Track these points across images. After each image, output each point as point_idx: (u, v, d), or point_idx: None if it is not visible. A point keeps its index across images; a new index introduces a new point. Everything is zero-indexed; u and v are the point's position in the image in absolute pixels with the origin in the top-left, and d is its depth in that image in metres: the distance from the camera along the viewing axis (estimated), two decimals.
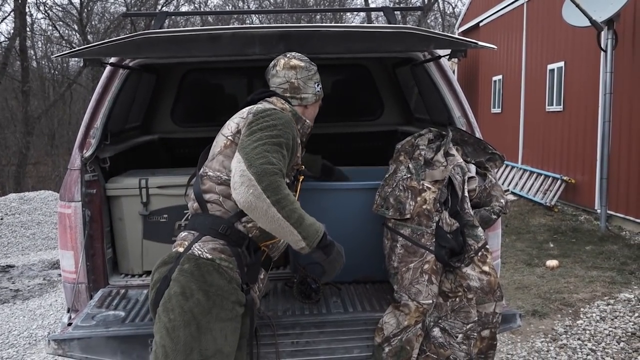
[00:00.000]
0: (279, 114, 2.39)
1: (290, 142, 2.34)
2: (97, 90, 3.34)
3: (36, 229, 10.40)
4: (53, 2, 26.02)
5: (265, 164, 2.17)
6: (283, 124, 2.35)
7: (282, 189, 2.16)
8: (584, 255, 7.57)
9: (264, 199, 2.12)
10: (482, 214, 3.00)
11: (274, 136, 2.28)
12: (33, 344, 5.39)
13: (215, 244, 2.35)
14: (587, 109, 10.08)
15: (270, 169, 2.16)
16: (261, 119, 2.35)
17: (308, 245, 2.24)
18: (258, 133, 2.28)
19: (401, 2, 30.39)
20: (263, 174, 2.14)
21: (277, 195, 2.14)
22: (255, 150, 2.21)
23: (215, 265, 2.31)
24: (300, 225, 2.20)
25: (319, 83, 2.66)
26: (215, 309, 2.29)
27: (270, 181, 2.14)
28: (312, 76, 2.64)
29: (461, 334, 2.80)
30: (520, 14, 13.51)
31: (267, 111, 2.39)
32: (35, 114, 23.98)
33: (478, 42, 2.79)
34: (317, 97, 2.66)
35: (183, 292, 2.27)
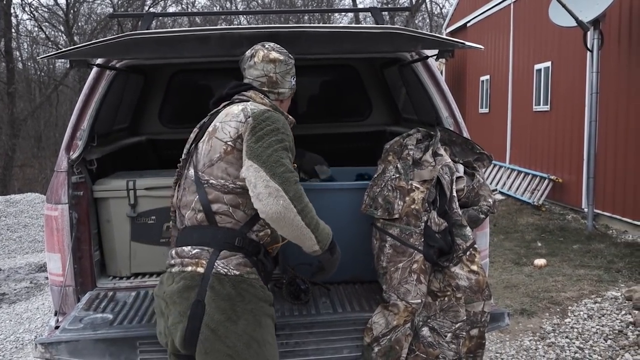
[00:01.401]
0: (276, 116, 2.37)
1: (291, 144, 2.35)
2: (84, 92, 3.32)
3: (23, 231, 10.33)
4: (39, 3, 25.88)
5: (286, 172, 2.17)
6: (283, 125, 2.34)
7: (304, 197, 2.20)
8: (572, 254, 7.62)
9: (292, 208, 2.13)
10: (470, 214, 3.02)
11: (280, 140, 2.27)
12: (20, 348, 5.35)
13: (238, 259, 2.31)
14: (574, 109, 10.15)
15: (292, 178, 2.17)
16: (263, 123, 2.31)
17: (321, 249, 2.27)
18: (266, 139, 2.25)
19: (389, 3, 30.46)
20: (288, 184, 2.15)
21: (301, 203, 2.17)
22: (271, 157, 2.19)
23: (247, 280, 2.30)
24: (317, 230, 2.24)
25: (294, 76, 2.64)
26: (263, 320, 2.31)
27: (295, 190, 2.16)
28: (289, 70, 2.59)
29: (450, 333, 2.80)
30: (507, 14, 13.58)
31: (265, 114, 2.35)
32: (22, 116, 23.80)
33: (465, 42, 2.80)
34: (292, 91, 2.64)
35: (229, 317, 2.23)
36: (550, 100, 11.16)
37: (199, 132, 2.51)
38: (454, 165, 3.06)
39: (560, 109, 10.79)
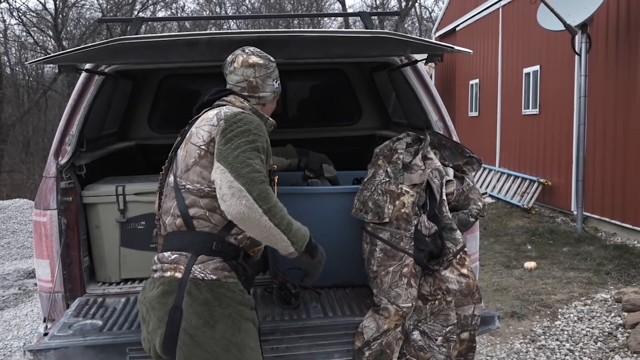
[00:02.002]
0: (250, 117, 2.35)
1: (265, 145, 2.32)
2: (73, 97, 3.31)
3: (11, 237, 10.25)
4: (27, 7, 25.72)
5: (252, 172, 2.14)
6: (256, 126, 2.31)
7: (272, 197, 2.15)
8: (561, 256, 7.65)
9: (256, 208, 2.10)
10: (460, 217, 3.02)
11: (251, 141, 2.24)
12: (8, 355, 5.30)
13: (215, 263, 2.29)
14: (563, 112, 10.21)
15: (257, 177, 2.14)
16: (234, 125, 2.29)
17: (297, 250, 2.23)
18: (235, 140, 2.23)
19: (378, 7, 30.54)
20: (252, 183, 2.11)
21: (268, 203, 2.12)
22: (237, 159, 2.17)
23: (224, 285, 2.28)
24: (290, 231, 2.19)
25: (277, 79, 2.60)
26: (243, 324, 2.29)
27: (261, 190, 2.12)
28: (270, 74, 2.55)
29: (441, 337, 2.81)
30: (496, 18, 13.65)
31: (237, 116, 2.33)
32: (10, 121, 23.66)
33: (454, 46, 2.81)
34: (275, 94, 2.59)
35: (206, 322, 2.21)
36: (539, 104, 11.22)
37: (180, 140, 2.52)
38: (444, 169, 3.07)
39: (549, 112, 10.85)
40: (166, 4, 28.84)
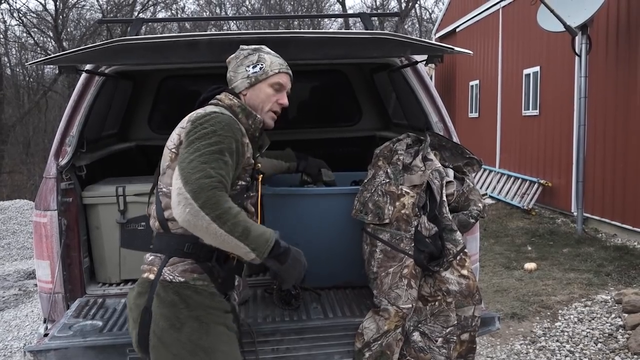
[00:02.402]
0: (219, 117, 2.26)
1: (234, 146, 2.22)
2: (73, 98, 3.31)
3: (11, 238, 10.25)
4: (27, 8, 25.74)
5: (202, 178, 2.06)
6: (223, 127, 2.22)
7: (221, 204, 2.06)
8: (562, 257, 7.65)
9: (203, 216, 2.02)
10: (460, 218, 3.02)
11: (213, 144, 2.16)
12: (8, 356, 5.30)
13: (185, 265, 2.27)
14: (563, 113, 10.22)
15: (207, 184, 2.06)
16: (199, 126, 2.22)
17: (259, 257, 2.14)
18: (196, 143, 2.17)
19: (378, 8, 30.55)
20: (199, 190, 2.04)
21: (216, 210, 2.04)
22: (191, 164, 2.11)
23: (192, 287, 2.24)
24: (247, 237, 2.10)
25: (255, 64, 2.44)
26: (212, 328, 2.25)
27: (208, 197, 2.04)
28: (242, 61, 2.46)
29: (441, 338, 2.80)
30: (496, 19, 13.66)
31: (205, 117, 2.26)
32: (10, 122, 23.68)
33: (454, 47, 2.80)
34: (250, 79, 2.43)
35: (172, 324, 2.20)
36: (539, 105, 11.23)
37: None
38: (444, 170, 3.07)
39: (549, 113, 10.85)
40: (166, 5, 28.89)
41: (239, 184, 2.31)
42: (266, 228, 2.20)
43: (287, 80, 2.51)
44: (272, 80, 2.45)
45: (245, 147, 2.30)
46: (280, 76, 2.47)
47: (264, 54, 2.47)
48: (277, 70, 2.45)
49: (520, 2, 12.01)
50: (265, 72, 2.43)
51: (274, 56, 2.48)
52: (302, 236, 3.19)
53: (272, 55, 2.49)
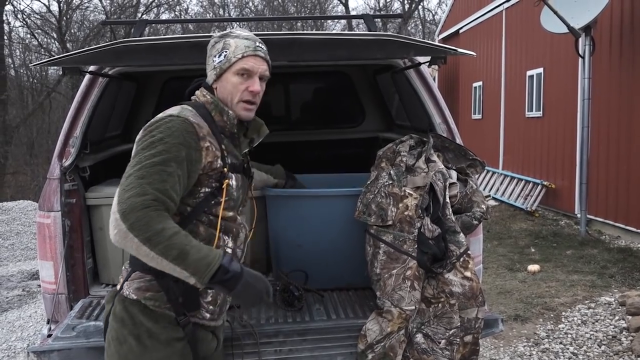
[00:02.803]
0: (170, 123, 2.10)
1: (183, 153, 2.04)
2: (77, 99, 3.31)
3: (15, 239, 10.27)
4: (31, 10, 25.82)
5: (134, 196, 1.92)
6: (172, 134, 2.06)
7: (152, 225, 1.90)
8: (565, 259, 7.64)
9: (131, 238, 1.89)
10: (463, 220, 3.02)
11: (156, 154, 2.01)
12: (12, 356, 5.31)
13: (141, 282, 2.15)
14: (566, 115, 10.20)
15: (138, 203, 1.91)
16: (147, 135, 2.09)
17: (199, 282, 1.96)
18: (139, 155, 2.04)
19: (381, 10, 30.57)
20: (129, 211, 1.90)
21: (146, 232, 1.89)
22: (127, 180, 1.98)
23: (141, 306, 2.11)
24: (183, 261, 1.92)
25: (220, 52, 2.23)
26: (148, 353, 2.12)
27: (137, 217, 1.90)
28: (210, 52, 2.28)
29: (444, 340, 2.80)
30: (500, 21, 13.65)
31: (156, 122, 2.13)
32: (14, 123, 23.74)
33: (457, 48, 2.81)
34: (216, 70, 2.24)
35: (117, 337, 2.15)
36: (542, 106, 11.21)
37: None
38: (447, 172, 3.06)
39: (552, 115, 10.84)
40: (169, 7, 28.94)
41: (202, 191, 2.15)
42: (212, 251, 2.01)
43: (255, 63, 2.22)
44: (236, 67, 2.20)
45: (202, 153, 2.11)
46: (246, 61, 2.20)
47: (230, 39, 2.23)
48: (241, 54, 2.20)
49: (523, 4, 12.00)
50: (228, 59, 2.21)
51: (241, 39, 2.23)
52: (306, 238, 3.19)
53: (239, 38, 2.23)
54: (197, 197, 2.14)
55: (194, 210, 2.14)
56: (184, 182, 2.05)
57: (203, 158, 2.11)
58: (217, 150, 2.16)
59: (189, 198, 2.13)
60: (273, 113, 5.32)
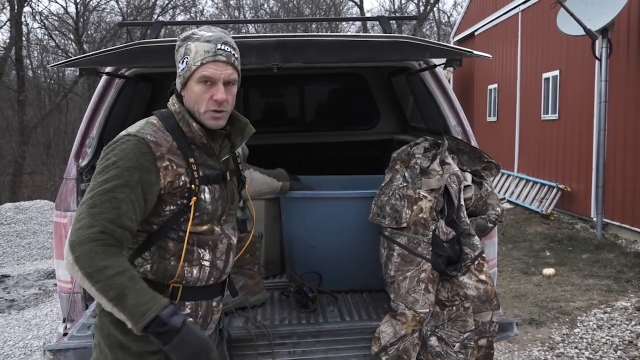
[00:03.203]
0: (123, 144, 2.01)
1: (136, 177, 1.96)
2: (93, 100, 3.34)
3: (32, 238, 10.37)
4: (49, 11, 26.10)
5: (82, 228, 1.88)
6: (125, 156, 1.98)
7: (95, 261, 1.85)
8: (581, 263, 7.57)
9: (77, 270, 1.85)
10: (478, 223, 3.00)
11: (108, 180, 1.95)
12: (28, 354, 5.36)
13: None
14: (582, 118, 10.12)
15: (85, 236, 1.87)
16: (103, 157, 2.03)
17: (135, 327, 1.86)
18: (94, 179, 1.99)
19: (397, 12, 30.52)
20: (77, 244, 1.87)
21: (89, 267, 1.84)
22: (80, 208, 1.94)
23: (113, 318, 1.98)
24: (119, 303, 1.85)
25: (182, 58, 2.08)
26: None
27: (83, 251, 1.85)
28: (175, 57, 2.15)
29: (458, 343, 2.79)
30: (515, 23, 13.58)
31: (112, 144, 2.05)
32: (31, 124, 23.98)
33: (473, 51, 2.80)
34: (181, 79, 2.09)
35: (97, 344, 2.14)
36: (558, 109, 11.14)
37: None
38: (462, 174, 3.05)
39: (568, 117, 10.76)
40: (185, 8, 29.08)
41: (167, 209, 2.06)
42: (155, 299, 1.89)
43: (215, 69, 2.05)
44: (196, 76, 2.04)
45: (160, 173, 2.01)
46: (206, 68, 2.04)
47: (191, 43, 2.07)
48: (200, 62, 2.03)
49: (539, 6, 11.93)
50: (189, 67, 2.05)
51: (202, 42, 2.06)
52: (320, 239, 3.20)
53: (200, 41, 2.07)
54: (162, 215, 2.07)
55: (161, 227, 2.08)
56: (140, 205, 1.98)
57: (161, 179, 2.02)
58: (180, 167, 2.05)
59: (154, 217, 2.07)
60: (288, 114, 5.33)
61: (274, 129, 5.10)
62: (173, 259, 2.09)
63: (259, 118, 5.24)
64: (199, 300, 2.17)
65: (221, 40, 2.07)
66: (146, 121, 2.13)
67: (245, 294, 3.06)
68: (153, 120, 2.13)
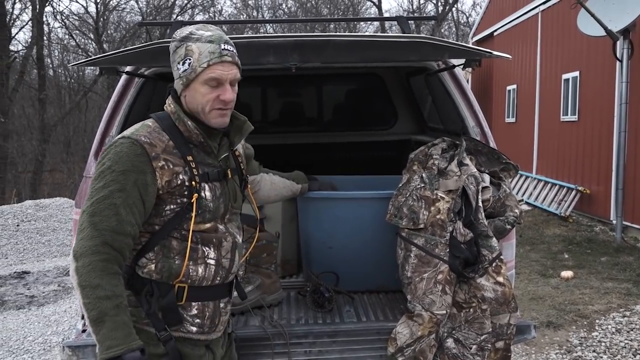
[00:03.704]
0: (117, 148, 2.03)
1: (131, 180, 1.98)
2: (113, 99, 3.37)
3: (51, 235, 10.48)
4: (70, 11, 26.40)
5: (85, 239, 1.92)
6: (119, 160, 2.00)
7: (91, 277, 1.88)
8: (599, 266, 7.50)
9: (75, 280, 1.90)
10: (496, 224, 2.99)
11: (105, 186, 1.97)
12: (48, 350, 5.42)
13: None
14: (602, 119, 10.02)
15: (87, 248, 1.91)
16: (100, 162, 2.04)
17: (98, 354, 1.89)
18: (92, 185, 2.01)
19: (415, 12, 30.43)
20: (79, 254, 1.91)
21: (84, 281, 1.88)
22: (82, 217, 1.97)
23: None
24: (96, 326, 1.88)
25: (183, 59, 2.07)
26: None
27: (84, 263, 1.90)
28: (173, 57, 2.12)
29: (475, 345, 2.77)
30: (535, 23, 13.47)
31: (107, 149, 2.07)
32: (52, 122, 24.26)
33: (492, 51, 2.78)
34: (182, 80, 2.08)
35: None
36: (578, 110, 11.03)
37: None
38: (480, 175, 3.03)
39: (588, 119, 10.65)
40: (204, 8, 29.25)
41: (168, 208, 2.08)
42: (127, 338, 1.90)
43: (223, 70, 2.06)
44: (203, 78, 2.05)
45: (156, 174, 2.02)
46: (213, 69, 2.04)
47: (192, 44, 2.05)
48: (206, 63, 2.03)
49: (560, 6, 11.83)
50: (193, 69, 2.05)
51: (204, 42, 2.05)
52: (337, 240, 3.20)
53: (201, 42, 2.05)
54: (163, 215, 2.08)
55: (163, 227, 2.08)
56: (139, 208, 2.00)
57: (158, 179, 2.03)
58: (177, 166, 2.06)
59: (155, 217, 2.07)
60: (305, 114, 5.34)
61: (292, 128, 5.10)
62: (177, 258, 2.10)
63: (276, 118, 5.26)
64: (205, 301, 2.17)
65: (223, 40, 2.08)
66: (142, 124, 2.14)
67: (262, 293, 3.07)
68: (148, 122, 2.14)
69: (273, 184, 2.93)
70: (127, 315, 1.94)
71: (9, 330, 5.91)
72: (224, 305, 2.24)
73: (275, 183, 2.94)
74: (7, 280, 7.92)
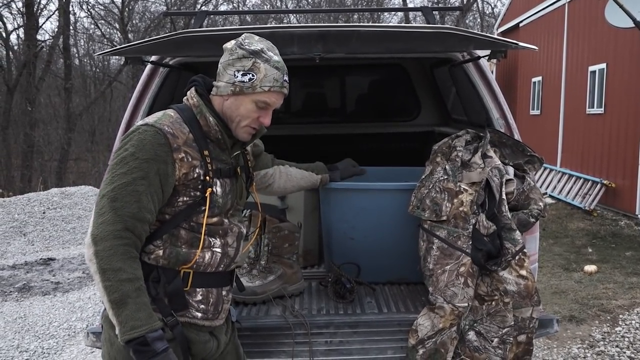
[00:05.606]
0: (141, 135, 2.04)
1: (154, 168, 2.01)
2: (138, 88, 3.39)
3: (76, 223, 10.62)
4: (95, 1, 26.56)
5: (106, 224, 1.94)
6: (143, 148, 2.01)
7: (113, 261, 1.91)
8: (624, 261, 7.41)
9: (93, 262, 1.92)
10: (520, 217, 2.96)
11: (127, 172, 1.99)
12: (72, 335, 5.52)
13: None
14: (630, 112, 9.87)
15: (109, 233, 1.93)
16: (122, 147, 2.05)
17: (119, 335, 1.91)
18: (112, 170, 2.02)
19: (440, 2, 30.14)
20: (100, 239, 1.92)
21: (106, 264, 1.90)
22: (102, 201, 1.98)
23: None
24: (118, 308, 1.90)
25: (246, 71, 2.11)
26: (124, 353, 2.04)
27: (105, 247, 1.91)
28: (234, 62, 2.13)
29: (497, 338, 2.76)
30: (562, 14, 13.28)
31: (130, 135, 2.07)
32: (77, 111, 24.54)
33: (518, 42, 2.75)
34: (235, 88, 2.11)
35: (109, 338, 2.11)
36: (604, 103, 10.87)
37: None
38: (504, 168, 3.01)
39: (614, 111, 10.50)
40: None
41: (181, 200, 2.10)
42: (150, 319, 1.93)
43: (276, 99, 2.17)
44: (258, 98, 2.13)
45: (176, 165, 2.05)
46: (270, 95, 2.14)
47: (261, 63, 2.12)
48: (268, 88, 2.12)
49: None
50: (253, 87, 2.11)
51: (271, 66, 2.13)
52: (358, 231, 3.20)
53: (270, 64, 2.13)
54: (175, 206, 2.10)
55: (173, 218, 2.11)
56: (159, 197, 2.03)
57: (177, 170, 2.06)
58: (195, 159, 2.09)
59: (167, 207, 2.09)
60: (329, 105, 5.33)
61: (315, 119, 5.10)
62: (185, 246, 2.12)
63: (299, 109, 5.26)
64: (209, 287, 2.20)
65: (285, 70, 2.18)
66: (163, 113, 2.16)
67: (283, 283, 3.09)
68: (170, 113, 2.16)
69: (289, 176, 2.92)
70: (147, 297, 1.98)
71: (34, 315, 6.02)
72: (225, 293, 2.27)
73: (291, 175, 2.93)
74: (33, 266, 8.06)
